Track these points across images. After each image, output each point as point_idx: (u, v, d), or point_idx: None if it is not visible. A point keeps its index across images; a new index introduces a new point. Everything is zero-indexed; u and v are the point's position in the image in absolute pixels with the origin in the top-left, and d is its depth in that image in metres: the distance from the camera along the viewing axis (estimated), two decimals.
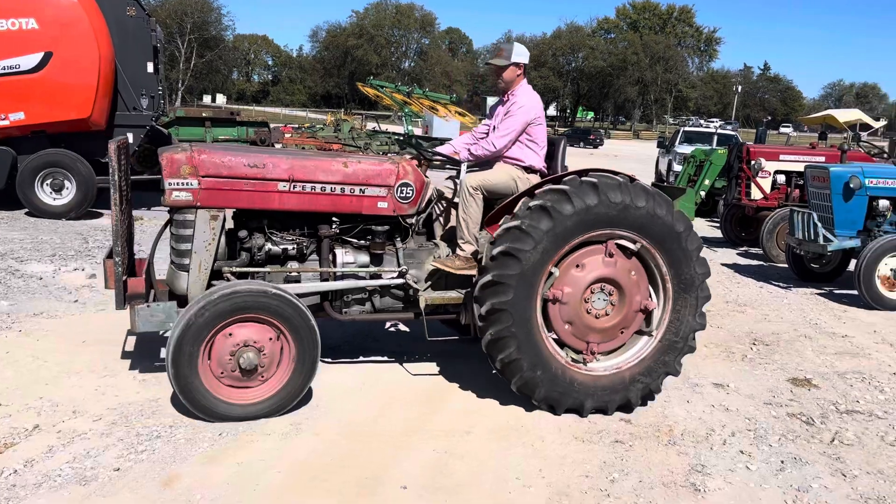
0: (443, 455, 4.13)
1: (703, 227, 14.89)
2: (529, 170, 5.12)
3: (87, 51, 10.28)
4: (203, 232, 4.49)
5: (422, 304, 4.91)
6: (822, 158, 11.05)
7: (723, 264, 10.73)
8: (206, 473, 3.76)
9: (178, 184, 4.40)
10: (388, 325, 6.52)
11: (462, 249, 4.89)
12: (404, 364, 5.58)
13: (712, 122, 23.18)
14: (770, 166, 11.31)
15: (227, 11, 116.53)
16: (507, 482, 3.87)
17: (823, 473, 4.17)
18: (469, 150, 5.11)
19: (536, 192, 4.63)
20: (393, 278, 4.97)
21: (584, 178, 4.61)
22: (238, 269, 4.65)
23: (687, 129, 22.22)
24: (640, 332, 4.92)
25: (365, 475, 3.86)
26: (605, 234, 4.62)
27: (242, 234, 4.73)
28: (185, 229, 4.50)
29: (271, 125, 17.00)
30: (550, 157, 5.27)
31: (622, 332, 4.86)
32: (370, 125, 29.75)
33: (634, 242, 4.70)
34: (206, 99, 73.24)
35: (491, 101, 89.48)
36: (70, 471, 3.69)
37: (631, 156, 43.01)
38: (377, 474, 3.87)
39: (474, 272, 4.75)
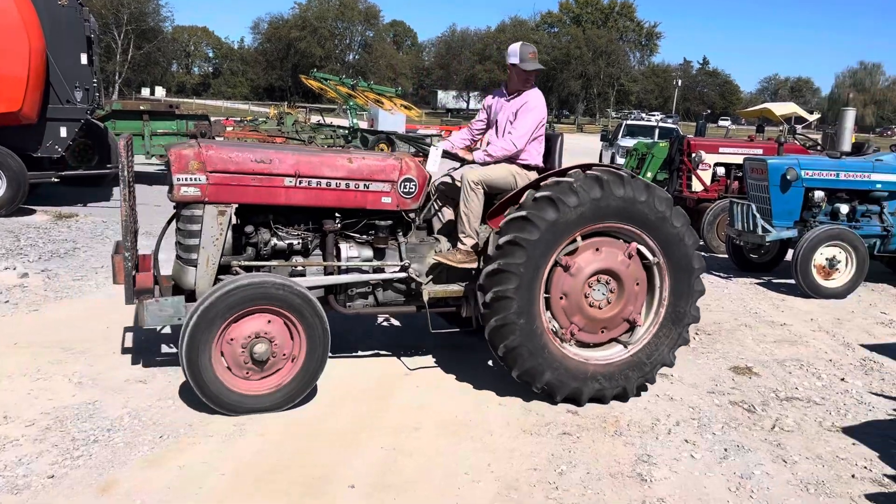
0: (391, 452, 4.08)
1: None
2: (528, 167, 5.20)
3: (16, 42, 9.86)
4: (211, 227, 4.53)
5: (425, 298, 4.95)
6: (760, 151, 11.31)
7: None
8: (147, 478, 3.64)
9: (186, 179, 4.43)
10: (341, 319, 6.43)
11: (463, 243, 4.97)
12: (354, 359, 5.51)
13: (653, 115, 23.67)
14: (710, 159, 11.52)
15: (166, 2, 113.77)
16: (456, 477, 3.85)
17: (765, 460, 4.25)
18: (487, 152, 5.12)
19: (542, 184, 4.72)
20: (395, 272, 5.02)
21: (588, 172, 4.72)
22: (247, 263, 4.68)
23: (629, 122, 22.60)
24: (616, 340, 5.05)
25: (312, 475, 3.78)
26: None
27: (248, 229, 4.76)
28: (192, 224, 4.53)
29: (212, 118, 16.61)
30: (548, 153, 5.37)
31: (602, 331, 4.95)
32: (315, 118, 29.40)
33: (654, 255, 4.88)
34: (145, 92, 71.23)
35: (442, 95, 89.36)
36: (0, 480, 3.53)
37: (575, 149, 43.24)
38: (324, 474, 3.81)
39: (474, 265, 4.88)
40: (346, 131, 22.74)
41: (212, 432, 4.16)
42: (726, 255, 10.18)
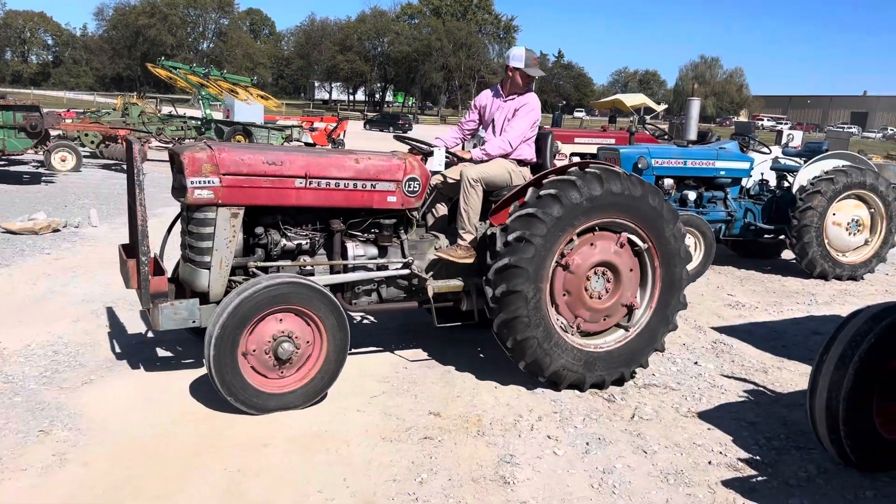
0: (236, 474, 3.72)
1: None
2: (522, 163, 5.41)
3: None
4: (224, 229, 4.51)
5: (430, 293, 5.07)
6: (613, 141, 11.63)
7: None
8: None
9: (200, 182, 4.40)
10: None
11: (462, 239, 5.14)
12: (198, 371, 5.07)
13: None
14: (566, 149, 11.71)
15: None
16: (307, 497, 3.55)
17: (626, 452, 4.22)
18: (485, 151, 5.29)
19: (544, 181, 4.88)
20: (398, 269, 5.12)
21: (588, 170, 4.93)
22: (263, 265, 4.74)
23: None
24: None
25: None
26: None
27: (258, 230, 4.77)
28: (205, 227, 4.50)
29: (45, 109, 15.26)
30: (539, 150, 5.56)
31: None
32: (166, 109, 27.85)
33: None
34: None
35: (335, 89, 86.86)
36: None
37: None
38: None
39: (473, 260, 5.09)
40: (199, 122, 21.65)
41: (25, 465, 3.65)
42: None
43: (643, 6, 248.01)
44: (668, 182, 8.88)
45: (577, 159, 11.66)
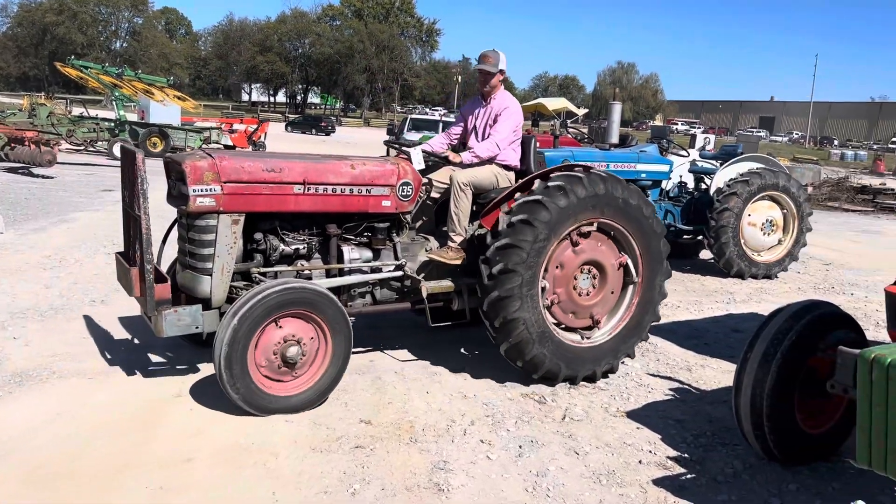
0: (158, 492, 3.54)
1: None
2: (508, 167, 5.57)
3: None
4: (225, 236, 4.57)
5: (424, 294, 5.13)
6: (537, 144, 11.69)
7: None
8: None
9: (202, 190, 4.44)
10: (113, 333, 5.65)
11: (453, 241, 5.26)
12: (116, 380, 4.83)
13: (437, 110, 24.04)
14: None
15: None
16: None
17: (559, 454, 4.22)
18: (475, 153, 5.39)
19: (552, 175, 5.12)
20: (392, 271, 5.23)
21: (593, 171, 5.23)
22: (267, 270, 4.81)
23: (414, 116, 22.76)
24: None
25: None
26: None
27: (257, 235, 4.84)
28: (207, 234, 4.54)
29: None
30: (523, 155, 5.73)
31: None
32: (77, 110, 26.73)
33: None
34: None
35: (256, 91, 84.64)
36: None
37: (363, 143, 43.36)
38: None
39: (461, 261, 5.23)
40: (113, 124, 20.88)
41: None
42: None
43: (563, 12, 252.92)
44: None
45: None
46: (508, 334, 4.97)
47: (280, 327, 4.39)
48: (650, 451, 4.31)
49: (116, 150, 20.39)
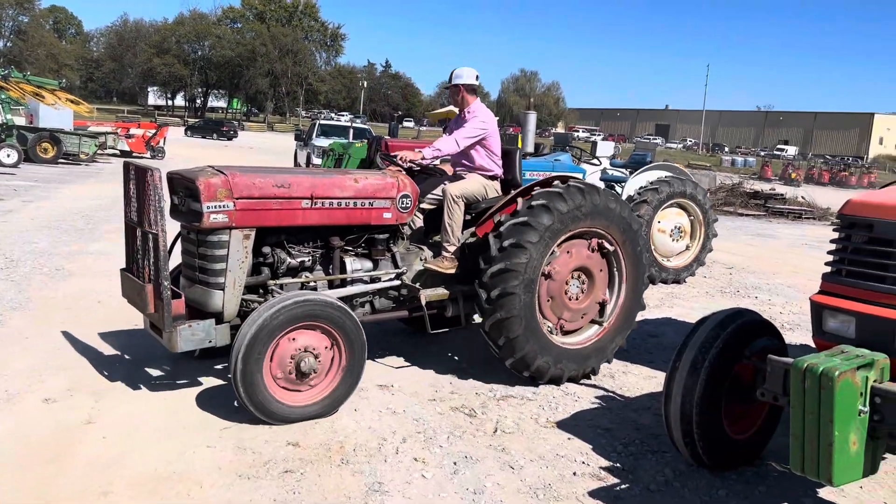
0: None
1: None
2: (494, 177, 5.81)
3: None
4: (237, 251, 4.65)
5: (423, 301, 5.33)
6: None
7: None
8: None
9: (215, 206, 4.51)
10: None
11: (447, 251, 5.46)
12: (19, 409, 4.47)
13: (342, 115, 23.79)
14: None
15: None
16: None
17: (494, 469, 4.17)
18: (435, 147, 5.59)
19: (533, 193, 5.37)
20: (391, 280, 5.42)
21: (570, 183, 5.45)
22: (282, 282, 4.96)
23: (323, 122, 22.44)
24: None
25: None
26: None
27: (266, 249, 4.94)
28: (219, 249, 4.61)
29: None
30: (508, 166, 5.98)
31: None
32: None
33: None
34: None
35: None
36: None
37: (266, 148, 42.52)
38: None
39: (454, 270, 5.42)
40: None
41: None
42: None
43: (467, 19, 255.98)
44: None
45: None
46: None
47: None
48: (583, 462, 4.32)
49: (4, 157, 19.17)
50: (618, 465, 4.31)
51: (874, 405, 3.14)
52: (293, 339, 4.47)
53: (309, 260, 5.10)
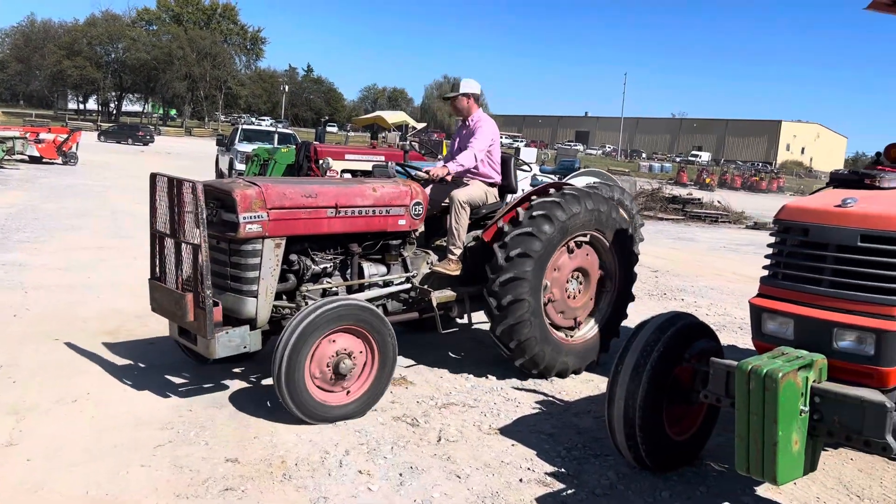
0: None
1: None
2: (493, 184, 6.14)
3: None
4: (269, 259, 4.83)
5: (434, 303, 5.58)
6: (383, 158, 11.63)
7: None
8: None
9: (251, 217, 4.68)
10: None
11: (452, 254, 5.74)
12: None
13: (263, 120, 23.34)
14: (337, 166, 11.53)
15: None
16: None
17: (440, 479, 4.12)
18: (457, 162, 5.86)
19: (533, 201, 5.75)
20: (402, 284, 5.68)
21: (566, 191, 5.89)
22: (315, 288, 5.19)
23: (246, 126, 21.96)
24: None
25: None
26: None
27: (293, 257, 5.10)
28: (253, 258, 4.78)
29: None
30: (506, 173, 6.30)
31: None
32: None
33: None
34: None
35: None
36: None
37: (185, 153, 41.42)
38: None
39: (459, 272, 5.75)
40: None
41: None
42: None
43: (389, 25, 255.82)
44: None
45: (348, 176, 11.64)
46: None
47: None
48: (528, 469, 4.32)
49: None
50: (563, 470, 4.32)
51: (814, 404, 3.24)
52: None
53: (330, 266, 5.32)
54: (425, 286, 5.70)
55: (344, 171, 11.61)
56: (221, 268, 4.85)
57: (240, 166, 17.67)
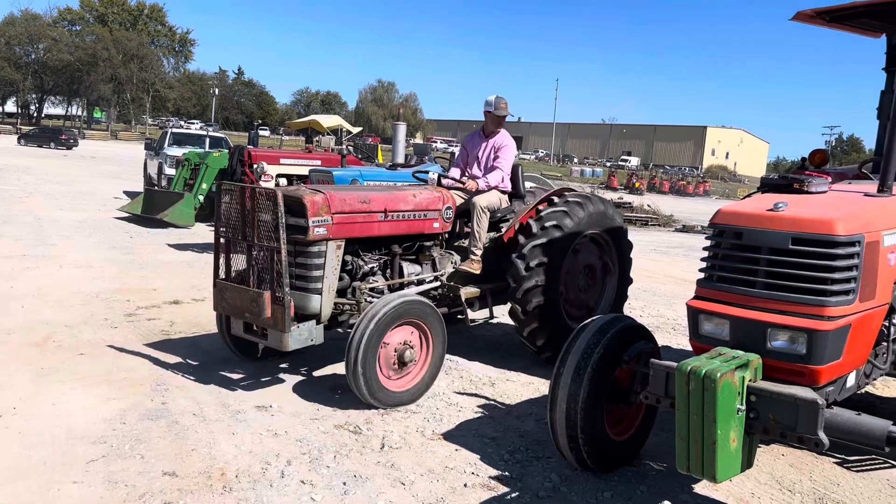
0: None
1: (206, 232, 14.39)
2: (505, 192, 6.75)
3: None
4: (331, 259, 5.30)
5: (463, 298, 6.19)
6: (319, 162, 11.52)
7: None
8: None
9: (319, 221, 5.16)
10: None
11: (474, 255, 6.31)
12: None
13: (192, 123, 22.81)
14: (272, 170, 11.37)
15: None
16: None
17: (385, 486, 4.09)
18: (487, 182, 6.59)
19: (542, 212, 6.44)
20: (432, 282, 6.19)
21: (569, 199, 6.58)
22: (372, 285, 5.71)
23: (175, 130, 21.41)
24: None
25: None
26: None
27: (347, 258, 5.56)
28: (318, 259, 5.24)
29: None
30: (514, 181, 6.87)
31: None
32: None
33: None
34: None
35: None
36: None
37: (111, 158, 40.24)
38: None
39: (479, 271, 6.32)
40: None
41: None
42: None
43: (323, 28, 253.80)
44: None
45: (283, 182, 11.50)
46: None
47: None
48: (473, 473, 4.32)
49: None
50: (506, 473, 4.34)
51: (750, 403, 3.34)
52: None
53: (376, 266, 5.85)
54: (451, 283, 6.24)
55: (279, 175, 11.47)
56: (277, 268, 5.11)
57: (169, 171, 17.22)
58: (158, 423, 4.75)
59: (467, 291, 6.26)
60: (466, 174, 6.88)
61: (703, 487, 4.30)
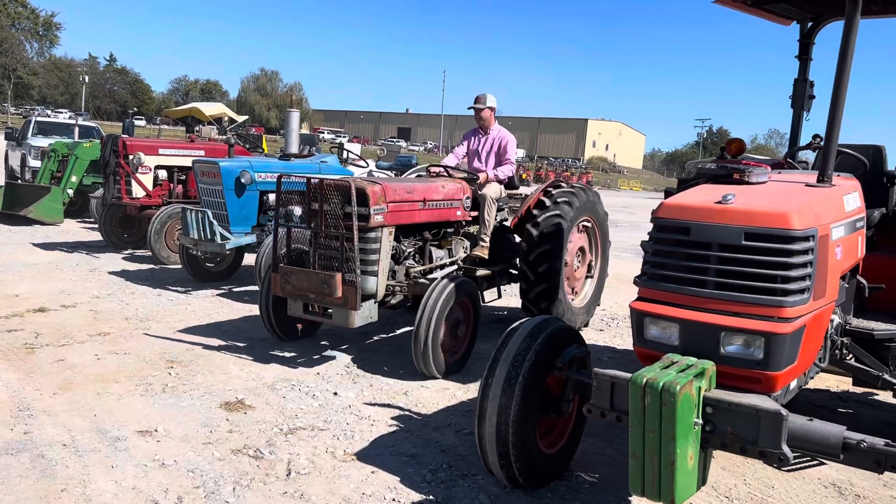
0: None
1: (77, 230, 13.20)
2: (502, 183, 7.40)
3: None
4: (385, 244, 5.88)
5: (480, 279, 6.82)
6: (203, 153, 10.69)
7: (110, 273, 9.47)
8: None
9: (378, 210, 5.70)
10: None
11: (483, 241, 6.91)
12: None
13: (60, 112, 21.10)
14: (150, 161, 10.45)
15: None
16: None
17: None
18: (496, 175, 7.32)
19: (553, 192, 7.18)
20: (452, 265, 6.71)
21: (573, 186, 7.40)
22: (422, 268, 6.39)
23: (40, 119, 19.68)
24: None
25: None
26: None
27: (394, 243, 6.08)
28: (375, 244, 5.78)
29: None
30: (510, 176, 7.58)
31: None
32: None
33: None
34: None
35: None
36: None
37: None
38: None
39: (487, 255, 6.95)
40: None
41: None
42: (179, 266, 9.28)
43: (201, 13, 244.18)
44: (274, 197, 8.37)
45: (163, 173, 10.60)
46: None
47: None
48: (393, 500, 3.86)
49: None
50: (430, 497, 3.91)
51: (706, 415, 3.03)
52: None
53: (412, 251, 6.39)
54: (467, 266, 6.88)
55: (158, 166, 10.55)
56: (347, 253, 5.53)
57: (34, 163, 15.73)
58: (20, 457, 4.03)
59: (482, 273, 6.89)
60: (470, 166, 7.57)
61: (638, 499, 4.01)
